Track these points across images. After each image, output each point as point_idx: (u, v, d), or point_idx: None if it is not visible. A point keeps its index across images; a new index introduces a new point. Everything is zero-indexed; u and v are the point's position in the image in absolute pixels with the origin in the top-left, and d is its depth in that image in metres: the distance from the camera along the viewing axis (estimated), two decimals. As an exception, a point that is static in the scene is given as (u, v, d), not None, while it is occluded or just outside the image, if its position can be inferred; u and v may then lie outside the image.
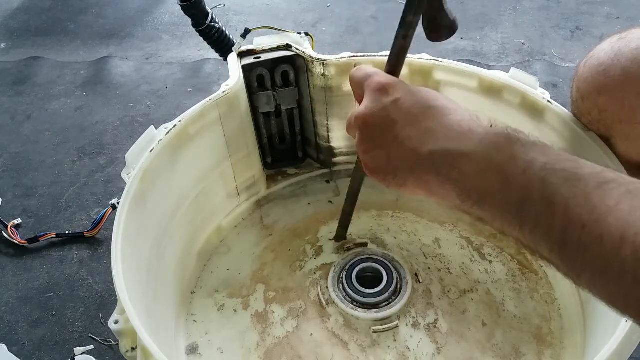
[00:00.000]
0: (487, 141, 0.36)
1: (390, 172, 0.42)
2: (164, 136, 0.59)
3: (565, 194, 0.30)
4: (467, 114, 0.40)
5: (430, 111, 0.40)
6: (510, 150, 0.34)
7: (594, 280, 0.29)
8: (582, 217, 0.29)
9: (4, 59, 1.34)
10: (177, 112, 0.99)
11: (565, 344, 0.59)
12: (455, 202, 0.37)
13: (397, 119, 0.41)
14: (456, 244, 0.70)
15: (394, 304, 0.61)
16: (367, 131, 0.43)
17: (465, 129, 0.38)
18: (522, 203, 0.32)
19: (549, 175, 0.32)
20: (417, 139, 0.39)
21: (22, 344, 0.74)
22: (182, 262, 0.65)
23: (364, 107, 0.43)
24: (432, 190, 0.39)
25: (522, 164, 0.33)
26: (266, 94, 0.71)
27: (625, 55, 0.47)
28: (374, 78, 0.44)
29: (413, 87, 0.43)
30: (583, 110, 0.53)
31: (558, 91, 1.11)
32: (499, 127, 0.37)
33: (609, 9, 1.39)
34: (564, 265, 0.31)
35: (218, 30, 1.03)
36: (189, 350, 0.61)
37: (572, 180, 0.31)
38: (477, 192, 0.35)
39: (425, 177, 0.39)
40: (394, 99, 0.41)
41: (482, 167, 0.35)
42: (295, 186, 0.79)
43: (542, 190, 0.31)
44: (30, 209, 0.93)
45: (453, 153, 0.37)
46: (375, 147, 0.42)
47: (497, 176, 0.34)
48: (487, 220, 0.36)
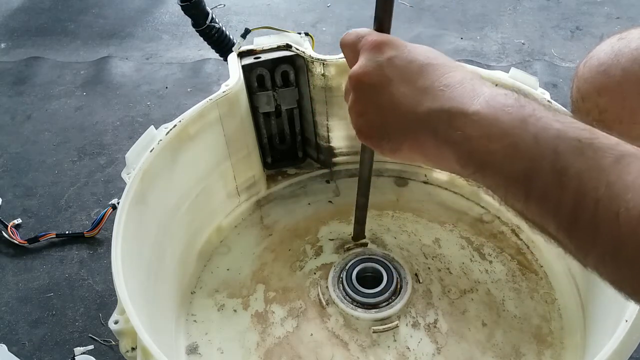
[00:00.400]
0: (494, 101, 0.32)
1: (385, 136, 0.39)
2: (164, 136, 0.59)
3: (579, 166, 0.28)
4: (469, 72, 0.36)
5: (428, 68, 0.37)
6: (520, 113, 0.31)
7: (604, 260, 0.27)
8: (596, 192, 0.27)
9: (4, 59, 1.34)
10: (177, 112, 0.99)
11: (565, 344, 0.59)
12: (454, 168, 0.34)
13: (392, 76, 0.38)
14: (456, 244, 0.70)
15: (394, 304, 0.61)
16: (361, 91, 0.39)
17: (467, 87, 0.34)
18: (531, 173, 0.30)
19: (562, 145, 0.29)
20: (414, 97, 0.36)
21: (22, 344, 0.74)
22: (182, 262, 0.65)
23: (358, 66, 0.40)
24: (430, 153, 0.36)
25: (533, 129, 0.30)
26: (266, 94, 0.71)
27: (626, 55, 0.47)
28: (367, 37, 0.40)
29: (410, 45, 0.39)
30: (583, 110, 0.53)
31: (558, 91, 1.11)
32: (506, 89, 0.34)
33: (609, 9, 1.39)
34: (571, 243, 0.29)
35: (218, 30, 1.03)
36: (189, 350, 0.61)
37: (586, 152, 0.28)
38: (480, 157, 0.32)
39: (422, 138, 0.36)
40: (390, 56, 0.38)
41: (486, 130, 0.32)
42: (295, 186, 0.79)
43: (553, 160, 0.29)
44: (30, 209, 0.93)
45: (454, 112, 0.33)
46: (369, 108, 0.39)
47: (503, 141, 0.31)
48: (489, 188, 0.33)
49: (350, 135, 0.76)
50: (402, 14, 1.43)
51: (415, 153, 0.37)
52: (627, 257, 0.26)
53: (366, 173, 0.58)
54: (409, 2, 1.47)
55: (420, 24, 1.38)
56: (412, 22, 1.39)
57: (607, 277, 0.28)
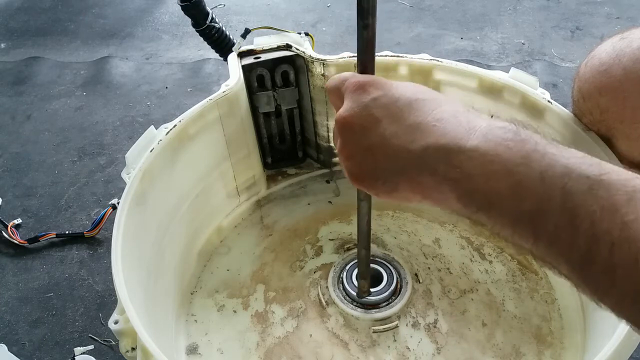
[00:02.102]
0: (492, 135, 0.31)
1: (379, 177, 0.37)
2: (164, 136, 0.59)
3: (590, 207, 0.26)
4: (461, 105, 0.35)
5: (417, 104, 0.35)
6: (522, 148, 0.29)
7: (623, 304, 0.26)
8: (611, 234, 0.26)
9: (4, 59, 1.34)
10: (177, 112, 0.99)
11: (565, 344, 0.59)
12: (456, 207, 0.33)
13: (381, 116, 0.36)
14: (456, 244, 0.70)
15: (394, 304, 0.61)
16: (348, 134, 0.38)
17: (462, 121, 0.33)
18: (539, 213, 0.28)
19: (570, 183, 0.27)
20: (406, 135, 0.34)
21: (22, 344, 0.74)
22: (182, 262, 0.65)
23: (343, 109, 0.38)
24: (428, 193, 0.34)
25: (538, 166, 0.29)
26: (266, 94, 0.71)
27: (627, 55, 0.47)
28: (350, 80, 0.39)
29: (395, 82, 0.38)
30: (584, 110, 0.53)
31: (558, 91, 1.11)
32: (503, 120, 0.32)
33: (609, 9, 1.39)
34: (586, 285, 0.28)
35: (218, 30, 1.03)
36: (188, 351, 0.61)
37: (597, 190, 0.27)
38: (483, 197, 0.30)
39: (419, 178, 0.34)
40: (375, 95, 0.37)
41: (488, 167, 0.30)
42: (295, 186, 0.79)
43: (562, 200, 0.27)
44: (30, 209, 0.93)
45: (451, 149, 0.32)
46: (359, 150, 0.37)
47: (508, 179, 0.29)
48: (494, 229, 0.31)
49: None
50: (402, 14, 1.43)
51: (412, 193, 0.36)
52: None
53: (365, 226, 0.54)
54: (409, 2, 1.47)
55: (420, 24, 1.38)
56: (412, 22, 1.39)
57: (626, 318, 0.27)
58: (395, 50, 0.84)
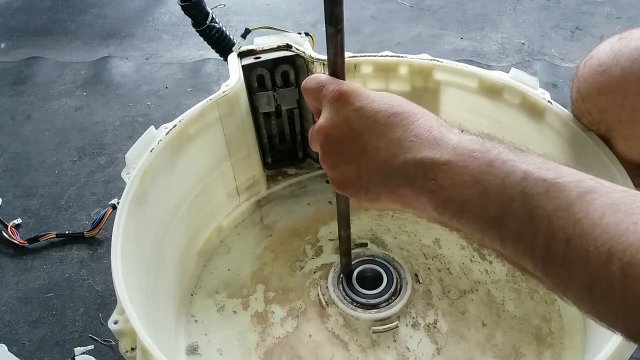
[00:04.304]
0: (461, 149, 0.34)
1: (362, 187, 0.39)
2: (164, 136, 0.59)
3: (547, 206, 0.29)
4: (435, 119, 0.37)
5: (396, 118, 0.37)
6: (487, 158, 0.32)
7: (581, 296, 0.28)
8: (566, 231, 0.28)
9: (4, 59, 1.34)
10: (177, 112, 0.99)
11: (565, 344, 0.59)
12: (432, 215, 0.35)
13: (361, 129, 0.38)
14: (456, 244, 0.70)
15: (394, 305, 0.61)
16: (331, 145, 0.40)
17: (436, 136, 0.35)
18: (502, 216, 0.31)
19: (529, 186, 0.30)
20: (387, 150, 0.37)
21: (22, 344, 0.74)
22: (182, 262, 0.65)
23: (323, 120, 0.40)
24: (408, 203, 0.37)
25: (500, 173, 0.31)
26: (266, 94, 0.71)
27: (626, 55, 0.47)
28: (329, 87, 0.40)
29: (373, 93, 0.40)
30: (583, 110, 0.53)
31: (558, 91, 1.11)
32: (471, 133, 0.35)
33: (609, 9, 1.39)
34: (548, 280, 0.30)
35: (218, 30, 1.03)
36: (188, 351, 0.61)
37: (553, 191, 0.29)
38: (454, 205, 0.33)
39: (400, 190, 0.37)
40: (355, 107, 0.39)
41: (458, 178, 0.33)
42: (295, 186, 0.79)
43: (522, 202, 0.30)
44: (30, 209, 0.93)
45: (426, 163, 0.34)
46: (341, 161, 0.40)
47: (475, 187, 0.32)
48: (467, 234, 0.34)
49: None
50: (402, 13, 1.43)
51: (394, 202, 0.38)
52: (601, 294, 0.27)
53: (344, 208, 0.56)
54: (409, 2, 1.47)
55: (420, 24, 1.38)
56: (412, 22, 1.39)
57: (586, 312, 0.29)
58: (395, 50, 0.84)
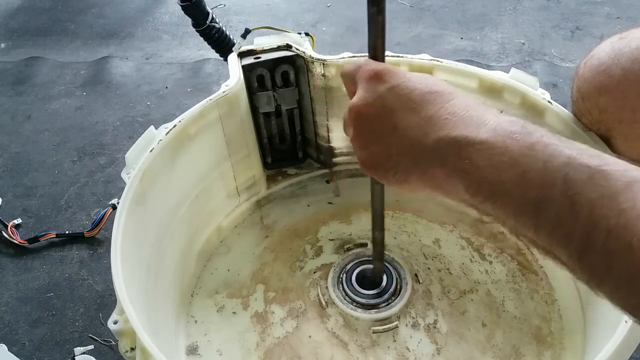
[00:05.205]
0: (501, 129, 0.32)
1: (391, 168, 0.38)
2: (163, 136, 0.59)
3: (590, 194, 0.27)
4: (472, 98, 0.36)
5: (431, 96, 0.36)
6: (528, 140, 0.31)
7: (619, 290, 0.27)
8: (609, 220, 0.26)
9: (4, 59, 1.34)
10: (177, 112, 0.99)
11: (565, 344, 0.59)
12: (464, 197, 0.34)
13: (395, 107, 0.37)
14: (456, 244, 0.70)
15: (394, 305, 0.61)
16: (362, 123, 0.39)
17: (473, 115, 0.34)
18: (541, 201, 0.29)
19: (572, 172, 0.28)
20: (420, 127, 0.35)
21: (22, 344, 0.74)
22: (182, 262, 0.65)
23: (357, 98, 0.39)
24: (438, 184, 0.35)
25: (542, 156, 0.30)
26: (266, 94, 0.71)
27: (626, 55, 0.47)
28: (365, 67, 0.40)
29: (409, 73, 0.39)
30: (583, 110, 0.53)
31: (558, 91, 1.11)
32: (511, 114, 0.34)
33: (609, 9, 1.39)
34: (583, 272, 0.29)
35: (218, 30, 1.03)
36: (188, 351, 0.61)
37: (597, 179, 0.28)
38: (489, 186, 0.32)
39: (430, 170, 0.35)
40: (390, 85, 0.37)
41: (495, 159, 0.31)
42: (295, 186, 0.79)
43: (564, 188, 0.28)
44: (30, 209, 0.93)
45: (461, 142, 0.33)
46: (372, 140, 0.38)
47: (513, 169, 0.30)
48: (499, 218, 0.32)
49: (350, 135, 0.76)
50: (402, 13, 1.43)
51: (423, 184, 0.37)
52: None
53: (379, 206, 0.54)
54: (409, 2, 1.47)
55: (420, 24, 1.38)
56: (412, 22, 1.39)
57: (622, 304, 0.28)
58: (395, 50, 0.84)
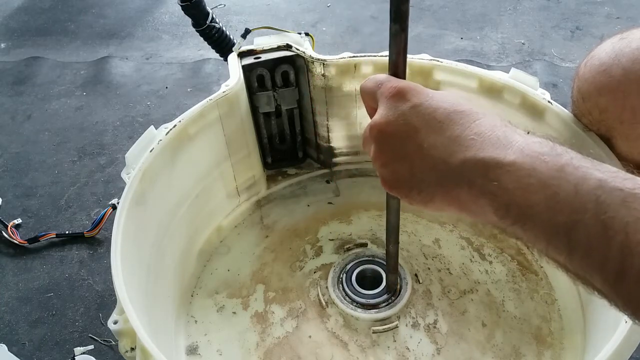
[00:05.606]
0: (529, 150, 0.31)
1: (414, 187, 0.37)
2: (164, 136, 0.59)
3: (624, 218, 0.26)
4: (498, 118, 0.35)
5: (455, 116, 0.35)
6: (558, 162, 0.30)
7: None
8: None
9: (4, 59, 1.34)
10: (177, 112, 0.99)
11: (565, 344, 0.59)
12: (492, 219, 0.33)
13: (418, 126, 0.36)
14: (456, 244, 0.70)
15: (394, 305, 0.61)
16: (384, 141, 0.38)
17: (500, 136, 0.33)
18: (573, 226, 0.28)
19: (604, 195, 0.28)
20: (445, 147, 0.35)
21: (22, 344, 0.74)
22: (182, 262, 0.65)
23: (379, 116, 0.38)
24: (464, 205, 0.35)
25: (573, 179, 0.29)
26: (266, 94, 0.71)
27: (627, 55, 0.47)
28: (387, 84, 0.39)
29: (432, 91, 0.38)
30: (584, 110, 0.53)
31: (558, 91, 1.11)
32: (538, 135, 0.33)
33: (609, 9, 1.39)
34: (619, 298, 0.28)
35: (218, 30, 1.03)
36: (188, 351, 0.61)
37: (630, 202, 0.27)
38: (519, 209, 0.31)
39: (456, 190, 0.34)
40: (413, 104, 0.37)
41: (525, 181, 0.30)
42: (295, 186, 0.79)
43: (596, 212, 0.27)
44: (30, 209, 0.93)
45: (489, 163, 0.32)
46: (395, 158, 0.38)
47: (542, 192, 0.30)
48: (529, 242, 0.32)
49: (351, 135, 0.76)
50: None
51: (449, 204, 0.36)
52: None
53: (395, 219, 0.54)
54: (409, 2, 1.47)
55: (420, 24, 1.38)
56: (412, 22, 1.38)
57: None
58: (395, 50, 0.84)
